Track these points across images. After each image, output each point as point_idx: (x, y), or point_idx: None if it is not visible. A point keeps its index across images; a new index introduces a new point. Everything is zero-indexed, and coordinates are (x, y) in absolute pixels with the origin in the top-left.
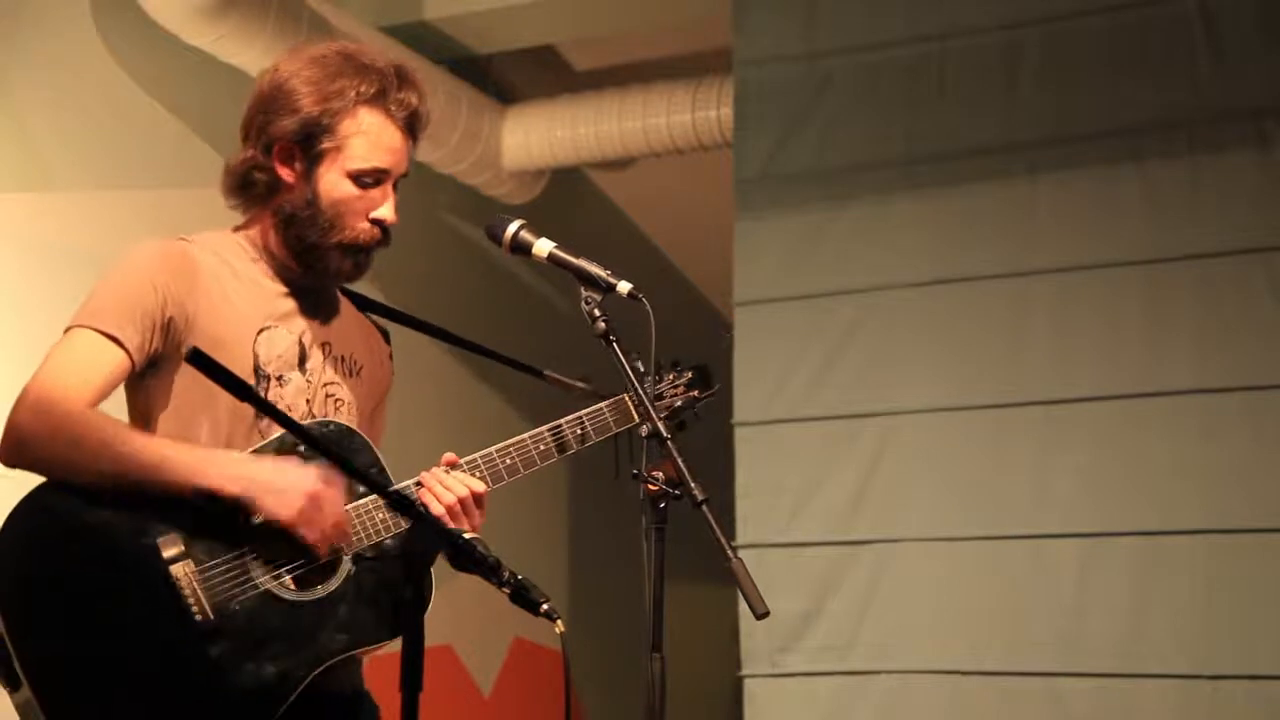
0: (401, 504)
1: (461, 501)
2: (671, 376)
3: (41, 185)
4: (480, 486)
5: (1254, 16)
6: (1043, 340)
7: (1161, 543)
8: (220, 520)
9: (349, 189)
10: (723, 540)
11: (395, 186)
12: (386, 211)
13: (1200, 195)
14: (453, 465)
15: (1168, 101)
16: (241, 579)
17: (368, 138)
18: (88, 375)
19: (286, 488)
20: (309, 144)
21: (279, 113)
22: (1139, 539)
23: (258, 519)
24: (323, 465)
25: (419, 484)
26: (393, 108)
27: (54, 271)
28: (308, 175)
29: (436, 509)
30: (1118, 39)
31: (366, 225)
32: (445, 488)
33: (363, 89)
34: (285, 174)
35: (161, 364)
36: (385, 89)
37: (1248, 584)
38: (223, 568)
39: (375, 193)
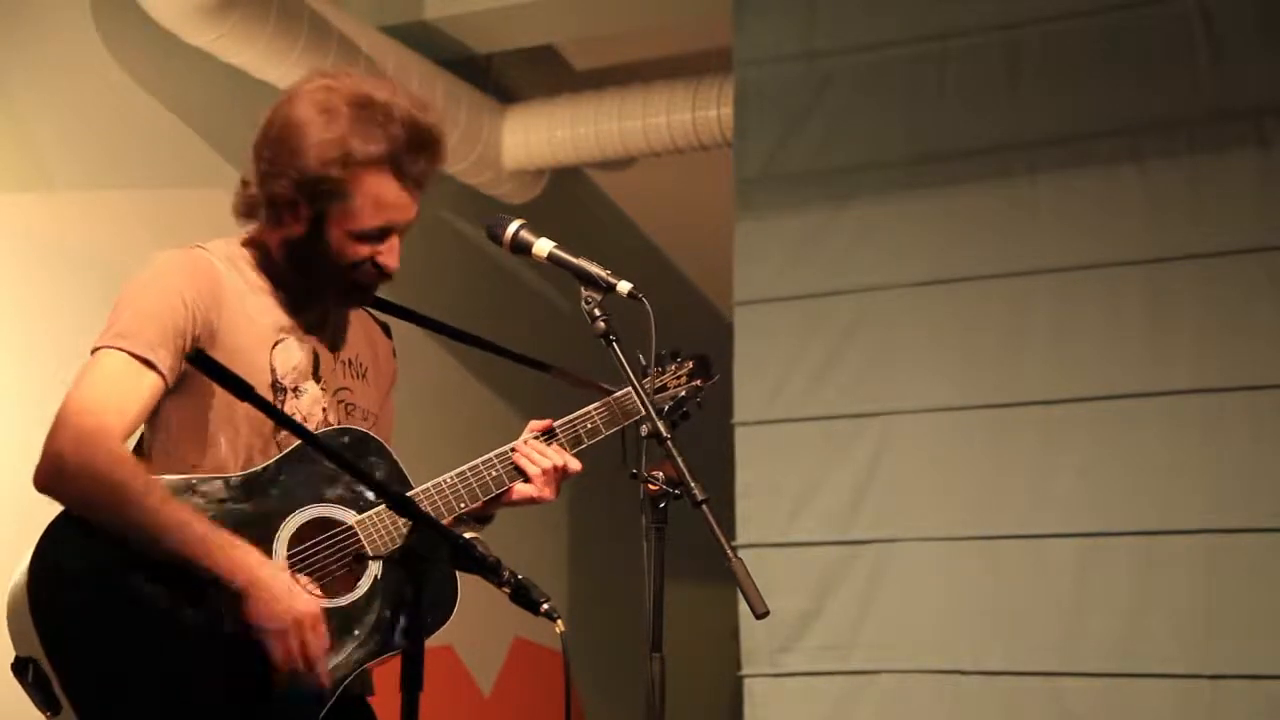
0: (404, 507)
1: (556, 470)
2: (673, 367)
3: (41, 185)
4: (577, 466)
5: (1254, 16)
6: (1042, 340)
7: (1161, 542)
8: (246, 538)
9: (351, 244)
10: (723, 540)
11: (403, 232)
12: (388, 259)
13: (1200, 195)
14: (547, 430)
15: (1168, 101)
16: None
17: (372, 200)
18: (125, 405)
19: (281, 602)
20: (312, 200)
21: (283, 164)
22: (1139, 539)
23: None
24: (322, 606)
25: (513, 449)
26: (402, 170)
27: (54, 271)
28: (310, 225)
29: (531, 470)
30: (1118, 39)
31: (367, 268)
32: (542, 454)
33: (371, 150)
34: (288, 219)
35: (186, 378)
36: (395, 153)
37: (1248, 584)
38: None
39: (380, 244)
